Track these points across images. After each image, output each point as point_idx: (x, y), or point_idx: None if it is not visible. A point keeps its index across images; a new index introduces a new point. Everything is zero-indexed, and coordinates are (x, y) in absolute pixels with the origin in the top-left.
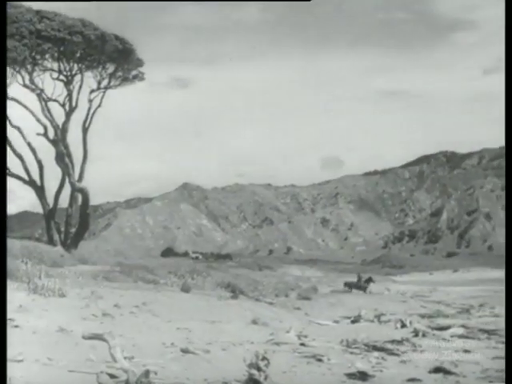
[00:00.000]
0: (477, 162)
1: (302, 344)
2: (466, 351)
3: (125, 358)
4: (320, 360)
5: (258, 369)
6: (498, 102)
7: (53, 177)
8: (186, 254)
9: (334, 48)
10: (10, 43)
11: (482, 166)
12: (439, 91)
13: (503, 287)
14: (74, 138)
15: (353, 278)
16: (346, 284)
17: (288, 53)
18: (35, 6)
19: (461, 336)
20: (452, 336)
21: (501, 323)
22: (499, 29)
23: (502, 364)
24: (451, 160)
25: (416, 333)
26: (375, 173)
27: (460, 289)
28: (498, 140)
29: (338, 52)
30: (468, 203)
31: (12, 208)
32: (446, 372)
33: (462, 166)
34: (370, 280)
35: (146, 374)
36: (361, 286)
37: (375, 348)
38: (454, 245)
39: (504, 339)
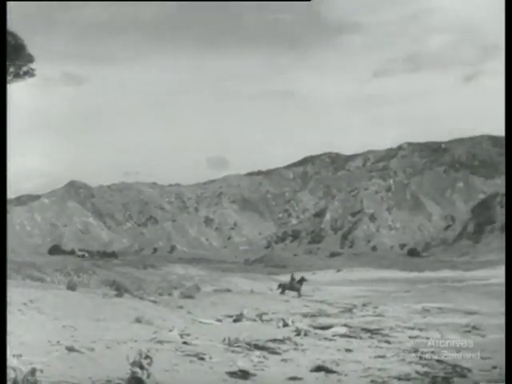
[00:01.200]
0: (361, 163)
1: (185, 343)
2: (348, 350)
3: (13, 355)
4: (202, 359)
5: (141, 367)
6: (386, 104)
7: None
8: (72, 252)
9: (223, 48)
10: None
11: (367, 168)
12: (326, 93)
13: (386, 287)
14: None
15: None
16: (280, 285)
17: (178, 52)
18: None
19: (343, 335)
20: (334, 335)
21: (383, 322)
22: (388, 32)
23: (383, 363)
24: (335, 161)
25: (298, 332)
26: (259, 173)
27: (343, 288)
28: (383, 142)
29: (226, 52)
30: (352, 204)
31: None
32: (328, 371)
33: (347, 167)
34: (302, 280)
35: (33, 372)
36: (293, 286)
37: (257, 347)
38: (337, 245)
39: (384, 338)
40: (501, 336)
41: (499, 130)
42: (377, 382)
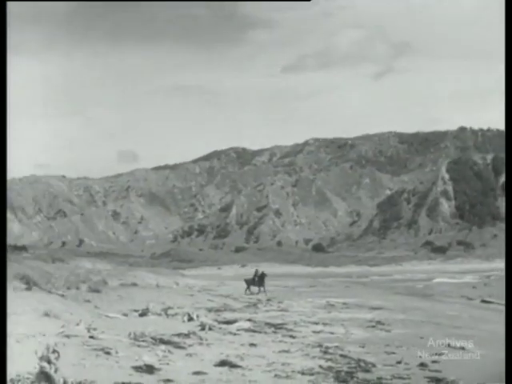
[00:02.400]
0: (267, 158)
1: (92, 337)
2: (252, 345)
3: None
4: (108, 353)
5: (49, 362)
6: (294, 99)
7: None
8: None
9: (135, 42)
10: None
11: (273, 163)
12: (236, 88)
13: (291, 282)
14: None
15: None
16: (246, 281)
17: (89, 46)
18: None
19: (247, 330)
20: (238, 330)
21: (288, 317)
22: (300, 29)
23: (287, 358)
24: (242, 156)
25: (203, 326)
26: (166, 167)
27: None
28: (290, 138)
29: (138, 47)
30: (258, 199)
31: None
32: (232, 365)
33: (253, 162)
34: (262, 276)
35: None
36: (257, 282)
37: (162, 341)
38: (242, 240)
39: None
40: (405, 331)
41: (406, 126)
42: (280, 376)
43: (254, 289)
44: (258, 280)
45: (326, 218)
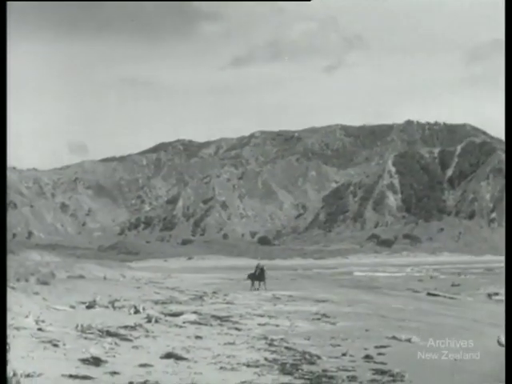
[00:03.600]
0: (214, 151)
1: (40, 329)
2: (198, 337)
3: None
4: (56, 345)
5: None
6: (242, 92)
7: None
8: None
9: (81, 35)
10: None
11: (219, 156)
12: (184, 80)
13: (237, 275)
14: None
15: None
16: (249, 276)
17: (37, 38)
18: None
19: (193, 322)
20: (184, 322)
21: (233, 310)
22: (250, 21)
23: (232, 350)
24: (188, 148)
25: (149, 319)
26: (113, 159)
27: (194, 276)
28: (237, 130)
29: (85, 39)
30: (204, 191)
31: None
32: (178, 358)
33: (200, 154)
34: (262, 270)
35: None
36: (260, 276)
37: (109, 333)
38: (189, 232)
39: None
40: (350, 323)
41: (354, 120)
42: (226, 368)
43: (256, 283)
44: (259, 274)
45: (272, 210)
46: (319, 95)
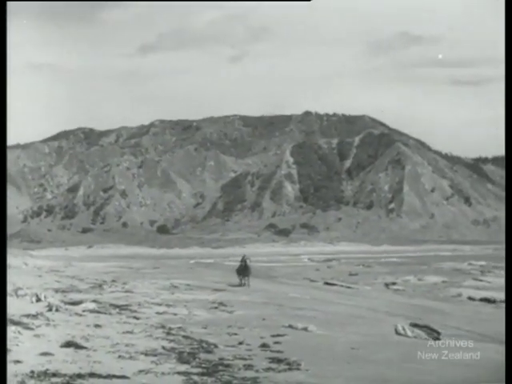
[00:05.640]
0: (114, 139)
1: None
2: (97, 326)
3: None
4: None
5: None
6: (146, 80)
7: None
8: None
9: None
10: None
11: (119, 144)
12: (86, 67)
13: (136, 264)
14: None
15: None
16: (237, 272)
17: None
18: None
19: (93, 311)
20: (84, 311)
21: (132, 298)
22: (156, 8)
23: (131, 338)
24: (89, 136)
25: (50, 307)
26: (17, 146)
27: (94, 264)
28: (138, 118)
29: None
30: (104, 180)
31: None
32: (78, 346)
33: (100, 142)
34: (246, 263)
35: None
36: (241, 270)
37: (12, 322)
38: (89, 221)
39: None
40: (247, 312)
41: (254, 110)
42: (124, 357)
43: (242, 279)
44: (243, 268)
45: (170, 199)
46: (221, 85)
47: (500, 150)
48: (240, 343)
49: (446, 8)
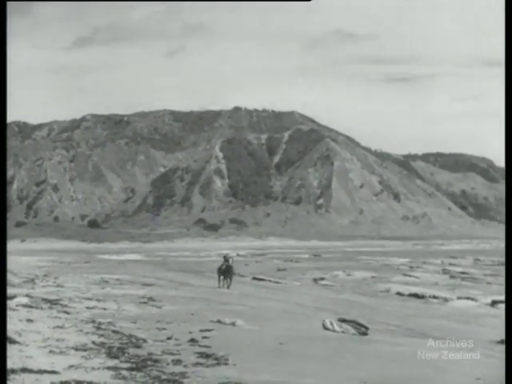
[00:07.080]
0: (46, 133)
1: None
2: (30, 320)
3: None
4: None
5: None
6: (79, 74)
7: None
8: None
9: None
10: None
11: (52, 138)
12: (19, 61)
13: (67, 258)
14: None
15: None
16: (219, 271)
17: None
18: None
19: (25, 305)
20: (17, 305)
21: (63, 293)
22: (92, 2)
23: (61, 333)
24: (23, 130)
25: None
26: None
27: (27, 258)
28: (71, 112)
29: None
30: (37, 174)
31: None
32: (10, 341)
33: (33, 136)
34: (228, 263)
35: None
36: (222, 271)
37: None
38: (22, 215)
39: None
40: (176, 307)
41: (185, 105)
42: (55, 352)
43: (222, 281)
44: (225, 269)
45: (101, 194)
46: (153, 80)
47: (429, 148)
48: (169, 338)
49: (380, 7)
